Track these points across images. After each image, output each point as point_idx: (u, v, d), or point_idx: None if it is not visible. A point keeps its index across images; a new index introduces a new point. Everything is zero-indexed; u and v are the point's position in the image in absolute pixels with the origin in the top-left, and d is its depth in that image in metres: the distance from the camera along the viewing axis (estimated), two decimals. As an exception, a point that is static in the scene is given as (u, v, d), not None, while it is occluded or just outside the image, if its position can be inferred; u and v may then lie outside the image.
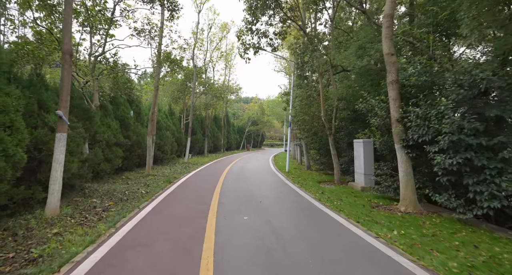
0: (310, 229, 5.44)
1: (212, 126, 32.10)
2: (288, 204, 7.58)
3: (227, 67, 35.57)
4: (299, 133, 16.87)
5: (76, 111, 8.08)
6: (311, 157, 17.32)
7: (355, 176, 10.76)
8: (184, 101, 23.82)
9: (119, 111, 12.30)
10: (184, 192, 9.04)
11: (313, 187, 10.53)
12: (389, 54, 7.30)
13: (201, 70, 23.35)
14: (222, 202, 7.64)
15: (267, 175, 14.12)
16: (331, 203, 7.68)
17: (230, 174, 13.81)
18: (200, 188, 9.78)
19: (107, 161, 10.23)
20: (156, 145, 16.40)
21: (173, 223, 5.67)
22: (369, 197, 8.76)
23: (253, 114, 48.44)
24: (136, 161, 13.43)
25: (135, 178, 11.54)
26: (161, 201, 7.68)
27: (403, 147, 7.07)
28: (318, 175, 14.44)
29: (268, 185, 10.80)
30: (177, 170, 14.81)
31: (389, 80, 7.29)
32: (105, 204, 7.09)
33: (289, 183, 11.45)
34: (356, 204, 7.64)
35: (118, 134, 11.40)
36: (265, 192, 9.32)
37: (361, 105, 8.67)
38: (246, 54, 11.42)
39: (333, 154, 11.96)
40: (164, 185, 10.23)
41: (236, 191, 9.31)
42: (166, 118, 19.24)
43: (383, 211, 6.97)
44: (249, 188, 9.96)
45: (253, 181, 11.61)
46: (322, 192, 9.22)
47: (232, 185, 10.51)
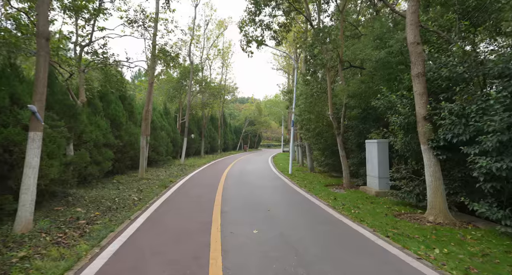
0: (334, 245, 4.56)
1: (208, 126, 31.13)
2: (300, 213, 6.69)
3: (224, 66, 34.67)
4: (302, 133, 16.02)
5: (59, 107, 7.10)
6: (315, 158, 16.46)
7: (367, 179, 9.92)
8: (180, 100, 22.85)
9: (109, 109, 11.31)
10: (181, 198, 8.11)
11: (322, 191, 9.67)
12: (414, 43, 6.46)
13: (197, 68, 22.39)
14: (226, 210, 6.73)
15: (270, 178, 13.22)
16: (348, 212, 6.81)
17: (230, 177, 12.90)
18: (199, 194, 8.85)
19: (95, 164, 9.25)
20: (151, 146, 15.42)
21: (170, 239, 4.75)
22: (387, 203, 7.91)
23: (250, 114, 47.53)
24: (128, 164, 12.45)
25: (127, 182, 10.56)
26: (156, 210, 6.74)
27: (431, 148, 6.23)
28: (323, 178, 13.58)
29: (274, 190, 9.91)
30: (173, 173, 13.85)
31: (415, 73, 6.45)
32: (91, 214, 6.13)
33: (295, 187, 10.57)
34: (376, 213, 6.78)
35: (109, 134, 10.42)
36: (272, 198, 8.42)
37: (378, 102, 7.83)
38: (249, 47, 10.54)
39: (341, 155, 11.11)
40: (159, 190, 9.28)
41: (239, 197, 8.41)
42: (161, 117, 18.26)
43: (410, 222, 6.12)
44: (253, 193, 9.06)
45: (256, 185, 10.71)
46: (335, 198, 8.35)
47: (234, 190, 9.60)
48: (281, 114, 45.16)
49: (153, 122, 16.23)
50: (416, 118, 6.56)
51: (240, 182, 11.35)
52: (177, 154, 21.88)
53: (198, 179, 12.23)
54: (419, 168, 7.19)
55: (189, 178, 12.44)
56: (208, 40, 27.57)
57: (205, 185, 10.61)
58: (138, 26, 9.62)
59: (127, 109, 12.93)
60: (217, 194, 8.77)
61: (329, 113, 11.48)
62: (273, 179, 12.91)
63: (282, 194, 9.23)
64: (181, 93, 22.60)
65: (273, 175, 14.22)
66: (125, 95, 13.09)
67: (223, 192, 9.14)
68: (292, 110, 14.54)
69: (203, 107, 24.68)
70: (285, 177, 13.41)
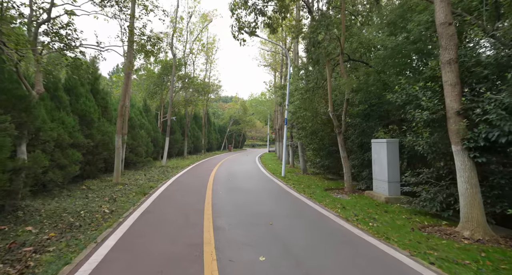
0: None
1: (192, 125, 29.57)
2: (310, 227, 5.52)
3: (208, 62, 33.20)
4: (295, 132, 14.93)
5: (5, 98, 5.59)
6: (308, 159, 15.40)
7: (374, 183, 8.91)
8: (161, 97, 21.24)
9: (78, 103, 9.74)
10: (163, 209, 6.75)
11: (324, 197, 8.57)
12: (445, 23, 5.44)
13: (180, 62, 20.86)
14: (219, 226, 5.47)
15: (262, 181, 12.02)
16: (365, 225, 5.72)
17: (219, 180, 11.59)
18: (185, 202, 7.52)
19: (58, 168, 7.72)
20: (128, 146, 13.86)
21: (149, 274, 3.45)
22: (402, 212, 6.90)
23: (235, 113, 46.16)
24: (101, 166, 10.89)
25: (99, 189, 9.05)
26: (131, 227, 5.38)
27: (466, 150, 5.23)
28: (319, 181, 12.53)
29: (270, 196, 8.72)
30: (153, 176, 12.37)
31: (446, 59, 5.43)
32: (44, 236, 4.71)
33: (292, 192, 9.42)
34: (398, 226, 5.72)
35: (76, 132, 8.87)
36: (270, 206, 7.22)
37: (394, 95, 6.80)
38: (241, 34, 9.28)
39: (342, 156, 10.08)
40: (137, 198, 7.87)
41: (232, 206, 7.15)
42: (140, 114, 16.67)
43: (442, 238, 5.09)
44: (248, 200, 7.83)
45: (249, 190, 9.48)
46: (343, 207, 7.25)
47: (224, 196, 8.33)
48: (267, 113, 44.13)
49: (131, 119, 14.66)
50: (446, 114, 5.54)
51: (231, 187, 10.08)
52: (158, 154, 20.28)
53: (183, 183, 10.85)
54: (444, 172, 6.21)
55: (172, 182, 11.03)
56: (192, 34, 26.02)
57: (191, 190, 9.27)
58: (111, 5, 8.13)
59: (100, 104, 11.36)
60: (206, 202, 7.48)
61: (328, 110, 10.42)
62: (266, 182, 11.72)
63: (280, 201, 8.05)
64: (162, 89, 20.99)
65: (265, 178, 13.04)
66: (98, 88, 11.50)
67: (212, 199, 7.86)
68: (286, 107, 13.41)
69: (186, 104, 23.14)
70: (279, 180, 12.26)
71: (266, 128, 66.68)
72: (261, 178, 12.90)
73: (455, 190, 6.12)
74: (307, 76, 11.56)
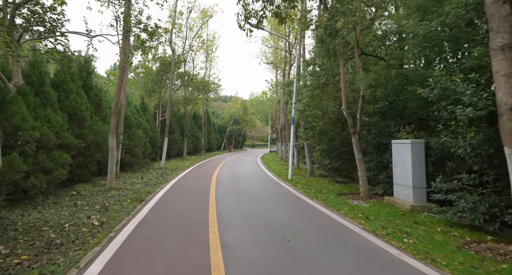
0: None
1: (191, 124, 28.67)
2: (337, 246, 4.64)
3: (208, 60, 32.34)
4: (302, 132, 14.07)
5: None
6: (316, 161, 14.51)
7: (396, 189, 8.05)
8: (159, 95, 20.33)
9: (68, 100, 8.84)
10: (162, 220, 5.87)
11: (340, 204, 7.71)
12: (498, 2, 4.57)
13: (179, 59, 19.96)
14: (228, 243, 4.59)
15: (269, 184, 11.15)
16: (399, 241, 4.85)
17: (222, 184, 10.71)
18: (185, 211, 6.63)
19: (43, 172, 6.82)
20: (125, 147, 12.96)
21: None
22: (434, 223, 6.05)
23: (235, 112, 45.27)
24: (94, 169, 9.99)
25: (90, 195, 8.16)
26: (123, 245, 4.50)
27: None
28: (329, 184, 11.67)
29: (280, 203, 7.84)
30: (151, 180, 11.48)
31: (498, 45, 4.57)
32: (14, 259, 3.82)
33: (304, 198, 8.56)
34: (438, 243, 4.85)
35: (65, 132, 7.97)
36: (283, 216, 6.34)
37: (425, 90, 5.94)
38: (247, 24, 8.39)
39: (358, 159, 9.22)
40: (132, 206, 6.98)
41: (240, 215, 6.28)
42: (137, 113, 15.76)
43: (498, 260, 4.23)
44: (256, 208, 6.95)
45: (256, 196, 8.60)
46: (366, 217, 6.38)
47: (230, 203, 7.45)
48: (268, 112, 43.30)
49: (128, 118, 13.76)
50: (497, 110, 4.68)
51: (235, 192, 9.20)
52: (156, 155, 19.38)
53: (183, 187, 9.97)
54: (490, 179, 5.35)
55: (171, 186, 10.15)
56: (191, 30, 25.13)
57: (193, 196, 8.39)
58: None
59: (93, 101, 10.46)
60: (210, 211, 6.60)
61: (342, 108, 9.56)
62: (273, 186, 10.84)
63: (293, 209, 7.17)
64: (161, 87, 20.09)
65: (270, 181, 12.16)
66: (91, 84, 10.59)
67: (217, 207, 6.98)
68: (293, 105, 12.54)
69: (185, 103, 22.24)
70: (286, 183, 11.38)
71: (266, 128, 65.87)
72: (267, 181, 12.02)
73: (500, 199, 5.29)
74: (316, 72, 10.69)
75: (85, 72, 10.50)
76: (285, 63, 24.30)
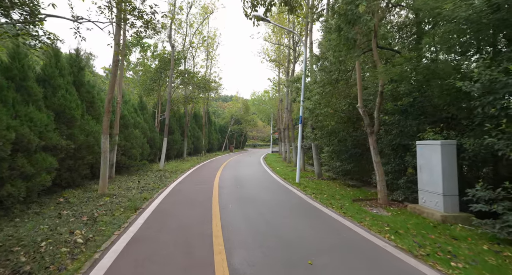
0: None
1: (192, 124, 27.82)
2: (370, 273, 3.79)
3: (209, 58, 31.52)
4: (310, 131, 13.21)
5: None
6: (326, 162, 13.64)
7: (421, 196, 7.19)
8: (159, 93, 19.47)
9: (56, 97, 7.99)
10: (159, 235, 5.01)
11: (360, 213, 6.86)
12: None
13: (179, 56, 19.10)
14: (238, 267, 3.74)
15: (276, 189, 10.28)
16: (446, 265, 3.99)
17: (225, 188, 9.85)
18: (186, 223, 5.77)
19: (22, 178, 5.97)
20: (121, 148, 12.12)
21: None
22: (476, 238, 5.20)
23: (236, 112, 44.41)
24: (85, 173, 9.14)
25: (79, 202, 7.31)
26: (109, 271, 3.64)
27: None
28: (340, 188, 10.82)
29: (292, 212, 6.96)
30: (148, 184, 10.62)
31: None
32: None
33: (317, 205, 7.69)
34: (495, 268, 3.99)
35: (50, 132, 7.12)
36: (299, 230, 5.45)
37: (465, 83, 5.08)
38: (255, 11, 7.52)
39: (375, 161, 8.37)
40: (125, 217, 6.13)
41: (249, 229, 5.41)
42: (135, 112, 14.90)
43: None
44: (267, 220, 6.08)
45: (265, 203, 7.73)
46: (396, 231, 5.52)
47: (236, 213, 6.59)
48: (270, 111, 42.47)
49: (124, 117, 12.91)
50: None
51: (241, 198, 8.35)
52: (155, 156, 18.54)
53: (183, 193, 9.11)
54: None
55: (171, 191, 9.29)
56: (192, 27, 24.30)
57: (194, 203, 7.54)
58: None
59: (85, 99, 9.60)
60: (214, 223, 5.74)
61: (357, 106, 8.71)
62: (280, 190, 9.98)
63: (309, 220, 6.30)
64: (160, 85, 19.22)
65: (277, 185, 11.29)
66: (82, 80, 9.73)
67: (222, 218, 6.12)
68: (301, 103, 11.68)
69: (186, 102, 21.38)
70: (294, 188, 10.52)
71: (267, 128, 65.02)
72: (273, 185, 11.16)
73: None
74: (326, 67, 9.81)
75: (76, 67, 9.64)
76: (288, 61, 23.43)
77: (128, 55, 22.64)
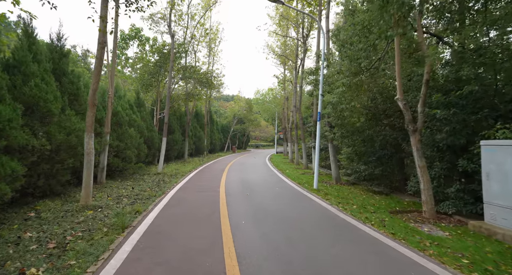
0: None
1: (193, 123, 26.29)
2: None
3: (211, 54, 30.05)
4: (328, 130, 11.66)
5: None
6: (347, 165, 12.08)
7: (490, 211, 5.63)
8: (158, 90, 17.95)
9: (27, 86, 6.46)
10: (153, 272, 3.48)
11: (408, 232, 5.33)
12: None
13: (180, 48, 17.57)
14: None
15: (292, 197, 8.72)
16: None
17: (234, 197, 8.31)
18: (190, 250, 4.21)
19: (-32, 190, 4.45)
20: (113, 149, 10.60)
21: None
22: None
23: (239, 111, 42.88)
24: (66, 179, 7.60)
25: (53, 218, 5.78)
26: None
27: None
28: (366, 196, 9.28)
29: (326, 232, 5.37)
30: (144, 191, 9.09)
31: None
32: None
33: (352, 220, 6.13)
34: None
35: (15, 129, 5.60)
36: (341, 261, 3.91)
37: None
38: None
39: (420, 166, 6.83)
40: (107, 242, 4.58)
41: (275, 263, 3.86)
42: (130, 109, 13.38)
43: None
44: (295, 246, 4.52)
45: (286, 219, 6.17)
46: (485, 269, 3.98)
47: (253, 235, 5.04)
48: (274, 110, 40.95)
49: (118, 114, 11.39)
50: None
51: (255, 210, 6.81)
52: (154, 158, 17.03)
53: (184, 203, 7.57)
54: None
55: (169, 201, 7.75)
56: (193, 19, 22.80)
57: (197, 219, 5.99)
58: None
59: (67, 90, 8.08)
60: (225, 252, 4.20)
61: (396, 98, 7.17)
62: (299, 199, 8.42)
63: (349, 245, 4.73)
64: (159, 80, 17.70)
65: (293, 191, 9.74)
66: (65, 68, 8.21)
67: (235, 242, 4.59)
68: (319, 96, 10.15)
69: (187, 99, 19.86)
70: (314, 195, 8.97)
71: (270, 128, 63.42)
72: (288, 192, 9.61)
73: None
74: (353, 54, 8.27)
75: (57, 53, 8.12)
76: (296, 55, 21.89)
77: (126, 48, 21.17)
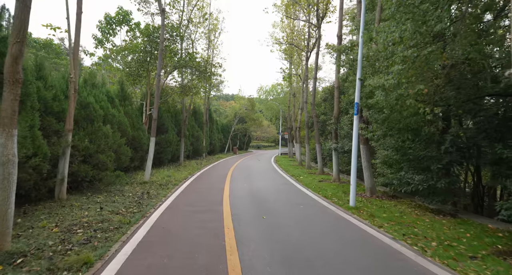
0: None
1: (191, 122, 23.57)
2: None
3: (210, 47, 27.45)
4: (364, 128, 8.96)
5: None
6: (392, 173, 9.32)
7: None
8: (148, 82, 15.22)
9: None
10: None
11: None
12: None
13: (174, 30, 14.84)
14: None
15: (330, 224, 6.00)
16: None
17: (243, 220, 5.58)
18: None
19: None
20: (79, 152, 7.89)
21: None
22: None
23: (240, 110, 40.16)
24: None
25: None
26: None
27: None
28: (431, 220, 6.61)
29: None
30: (115, 212, 6.35)
31: None
32: None
33: (436, 269, 3.47)
34: None
35: None
36: None
37: None
38: None
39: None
40: None
41: None
42: (109, 102, 10.65)
43: None
44: None
45: (329, 268, 3.50)
46: None
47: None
48: (278, 108, 38.32)
49: (88, 107, 8.69)
50: None
51: (281, 252, 4.10)
52: (142, 162, 14.26)
53: (170, 238, 4.85)
54: None
55: (147, 234, 5.02)
56: (189, 4, 20.16)
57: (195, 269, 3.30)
58: None
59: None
60: None
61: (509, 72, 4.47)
62: (336, 225, 5.72)
63: None
64: (149, 70, 14.97)
65: (323, 211, 7.03)
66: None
67: None
68: (357, 81, 7.48)
69: (183, 93, 17.14)
70: (356, 219, 6.27)
71: (272, 127, 60.71)
72: (317, 212, 6.91)
73: None
74: (420, 15, 5.60)
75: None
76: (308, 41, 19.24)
77: (112, 35, 18.46)
